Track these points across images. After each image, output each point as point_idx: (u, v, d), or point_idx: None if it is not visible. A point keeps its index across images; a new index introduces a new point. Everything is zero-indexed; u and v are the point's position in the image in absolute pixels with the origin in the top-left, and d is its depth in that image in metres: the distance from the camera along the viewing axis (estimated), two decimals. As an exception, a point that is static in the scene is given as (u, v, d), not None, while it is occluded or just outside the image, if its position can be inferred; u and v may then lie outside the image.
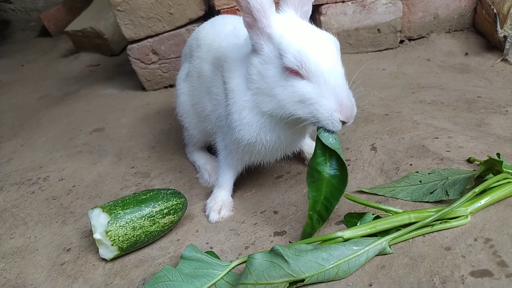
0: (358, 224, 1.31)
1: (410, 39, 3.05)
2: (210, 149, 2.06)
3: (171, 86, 3.07)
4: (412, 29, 3.00)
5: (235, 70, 1.49)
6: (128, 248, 1.52)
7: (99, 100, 3.13)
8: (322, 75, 1.23)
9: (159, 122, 2.63)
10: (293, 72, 1.27)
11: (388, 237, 1.22)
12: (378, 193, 1.50)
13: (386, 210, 1.31)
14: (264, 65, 1.36)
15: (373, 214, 1.33)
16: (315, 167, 1.32)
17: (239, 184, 1.86)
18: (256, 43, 1.37)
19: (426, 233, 1.24)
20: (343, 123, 1.26)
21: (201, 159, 2.08)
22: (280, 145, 1.52)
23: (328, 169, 1.30)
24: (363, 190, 1.55)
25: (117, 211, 1.51)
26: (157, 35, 2.92)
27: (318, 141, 1.30)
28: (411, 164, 1.61)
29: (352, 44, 2.94)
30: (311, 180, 1.33)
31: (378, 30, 2.89)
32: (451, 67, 2.69)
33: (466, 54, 2.80)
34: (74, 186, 2.07)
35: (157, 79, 3.07)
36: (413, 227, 1.22)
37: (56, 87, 3.70)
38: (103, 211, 1.51)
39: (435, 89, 2.37)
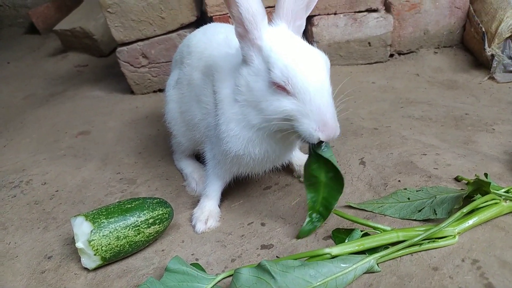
0: (346, 240, 1.30)
1: (400, 53, 3.08)
2: (199, 157, 2.03)
3: (161, 90, 3.04)
4: (402, 43, 3.03)
5: (225, 81, 1.48)
6: (111, 258, 1.49)
7: (86, 102, 3.08)
8: (308, 93, 1.21)
9: (147, 127, 2.59)
10: (280, 88, 1.26)
11: (376, 255, 1.21)
12: (366, 208, 1.50)
13: (374, 227, 1.31)
14: (252, 77, 1.35)
15: (361, 231, 1.32)
16: (311, 172, 1.37)
17: (226, 194, 1.84)
18: (246, 54, 1.36)
19: (414, 252, 1.24)
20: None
21: (188, 167, 2.05)
22: (268, 158, 1.51)
23: (324, 174, 1.35)
24: (352, 205, 1.55)
25: (100, 220, 1.48)
26: (147, 38, 2.89)
27: (310, 149, 1.33)
28: (399, 181, 1.62)
29: (343, 56, 2.95)
30: (308, 184, 1.40)
31: (369, 43, 2.92)
32: (440, 83, 2.73)
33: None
34: (57, 190, 2.02)
35: (146, 83, 3.04)
36: (401, 245, 1.22)
37: (42, 86, 3.63)
38: (86, 219, 1.47)
39: (423, 104, 2.40)
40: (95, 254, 1.45)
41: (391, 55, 3.06)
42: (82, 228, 1.47)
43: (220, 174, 1.71)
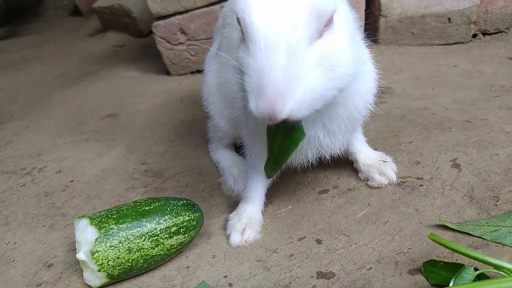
0: (452, 283, 0.87)
1: (484, 33, 2.54)
2: (240, 150, 1.66)
3: (199, 71, 2.68)
4: (488, 21, 2.49)
5: None
6: (121, 275, 1.14)
7: (118, 83, 2.79)
8: (256, 43, 0.80)
9: (181, 111, 2.25)
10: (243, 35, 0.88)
11: (506, 314, 0.78)
12: (472, 232, 1.05)
13: (497, 266, 0.87)
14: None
15: (475, 269, 0.89)
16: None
17: (271, 197, 1.46)
18: None
19: None
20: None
21: (226, 160, 1.69)
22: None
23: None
24: (448, 225, 1.11)
25: (109, 226, 1.13)
26: (187, 11, 2.53)
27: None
28: (517, 194, 1.16)
29: (416, 34, 2.46)
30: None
31: (449, 19, 2.40)
32: (540, 68, 2.18)
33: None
34: (72, 181, 1.72)
35: (184, 63, 2.69)
36: (547, 301, 0.78)
37: (76, 66, 3.39)
38: (92, 223, 1.14)
39: (524, 93, 1.88)
40: (99, 270, 1.11)
41: (474, 35, 2.53)
42: (85, 235, 1.13)
43: (262, 169, 1.33)
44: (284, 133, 0.90)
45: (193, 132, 2.02)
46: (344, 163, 1.52)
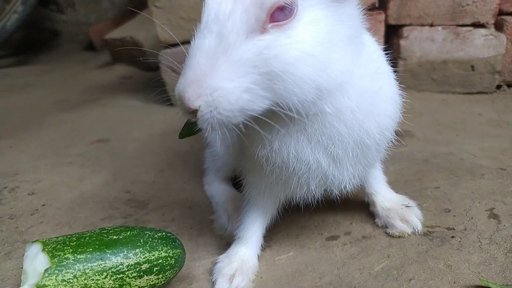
0: None
1: (510, 85, 2.39)
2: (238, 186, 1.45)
3: (203, 104, 2.53)
4: (514, 72, 2.35)
5: None
6: (71, 321, 0.90)
7: (117, 110, 2.64)
8: (200, 22, 0.75)
9: (178, 141, 2.04)
10: None
11: None
12: (526, 299, 0.81)
13: None
14: None
15: None
16: None
17: (270, 240, 1.23)
18: None
19: None
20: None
21: (221, 195, 1.47)
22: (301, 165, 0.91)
23: None
24: (492, 286, 0.87)
25: (64, 255, 0.90)
26: (196, 40, 2.43)
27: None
28: None
29: (436, 80, 2.31)
30: None
31: (472, 66, 2.26)
32: None
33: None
34: (43, 205, 1.50)
35: (188, 94, 2.55)
36: None
37: (78, 93, 3.28)
38: (44, 250, 0.91)
39: (559, 147, 1.68)
40: (44, 312, 0.87)
41: (498, 87, 2.38)
42: (34, 264, 0.91)
43: (260, 204, 1.13)
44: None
45: (189, 163, 1.82)
46: (358, 205, 1.30)
